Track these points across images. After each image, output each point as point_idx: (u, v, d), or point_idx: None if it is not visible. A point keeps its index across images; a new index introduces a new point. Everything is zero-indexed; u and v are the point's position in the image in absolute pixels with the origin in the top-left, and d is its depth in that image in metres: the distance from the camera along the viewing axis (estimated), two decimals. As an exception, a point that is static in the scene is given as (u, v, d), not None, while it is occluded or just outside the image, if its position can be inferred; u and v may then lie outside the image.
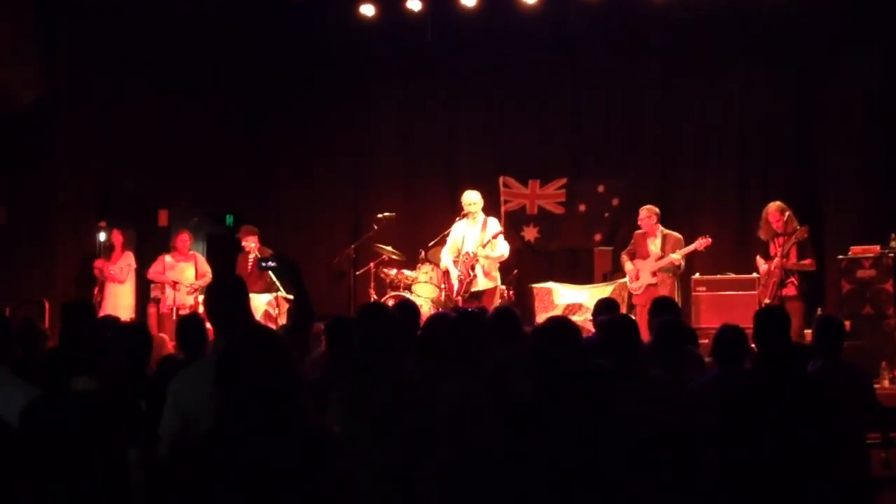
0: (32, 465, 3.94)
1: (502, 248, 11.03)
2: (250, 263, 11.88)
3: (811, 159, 12.63)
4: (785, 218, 10.36)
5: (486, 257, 10.87)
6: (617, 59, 13.30)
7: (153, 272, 11.96)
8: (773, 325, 4.83)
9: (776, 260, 10.27)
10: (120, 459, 4.07)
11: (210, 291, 4.62)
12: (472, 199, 11.11)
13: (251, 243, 11.98)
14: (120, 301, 11.73)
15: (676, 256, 10.90)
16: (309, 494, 2.91)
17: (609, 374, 3.82)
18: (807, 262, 10.33)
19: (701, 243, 10.93)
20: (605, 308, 6.75)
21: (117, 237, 12.03)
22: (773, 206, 10.49)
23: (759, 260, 10.61)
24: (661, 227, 11.17)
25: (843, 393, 5.09)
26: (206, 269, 12.07)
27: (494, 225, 11.14)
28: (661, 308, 6.61)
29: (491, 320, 5.80)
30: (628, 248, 11.38)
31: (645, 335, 10.53)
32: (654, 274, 10.99)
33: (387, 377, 4.37)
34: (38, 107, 11.69)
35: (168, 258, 11.93)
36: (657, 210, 11.19)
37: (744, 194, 12.83)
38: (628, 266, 11.22)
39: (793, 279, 10.28)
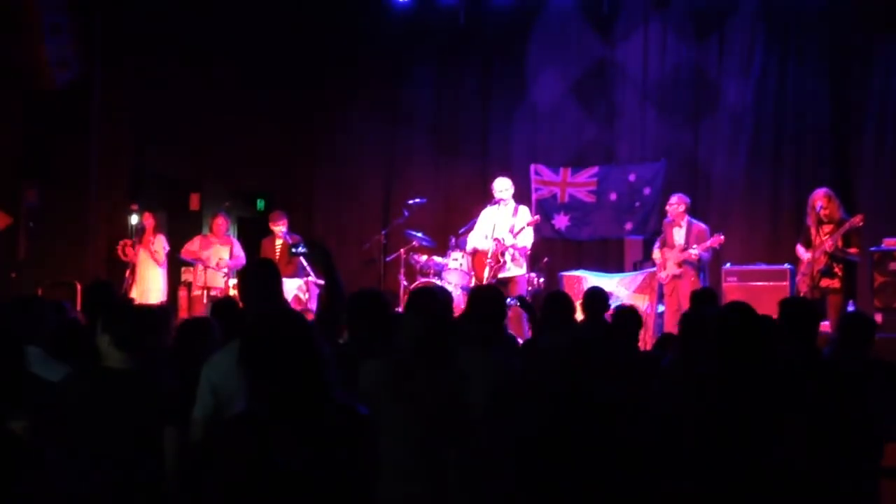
0: (65, 440, 3.97)
1: (528, 239, 11.02)
2: (277, 248, 11.80)
3: (844, 150, 12.50)
4: (833, 205, 10.11)
5: (513, 246, 10.84)
6: (651, 47, 13.26)
7: (186, 250, 11.93)
8: (799, 317, 4.80)
9: (824, 244, 9.94)
10: (154, 437, 4.09)
11: (243, 275, 4.64)
12: (503, 185, 11.10)
13: (281, 227, 11.92)
14: (152, 284, 11.68)
15: (694, 252, 10.81)
16: (336, 472, 2.91)
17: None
18: (853, 250, 10.00)
19: (716, 240, 10.84)
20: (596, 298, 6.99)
21: (149, 220, 11.91)
22: (821, 192, 10.17)
23: (800, 249, 10.35)
24: (687, 217, 11.10)
25: (873, 389, 5.03)
26: (241, 253, 12.01)
27: (525, 214, 11.12)
28: (699, 300, 6.66)
29: (542, 305, 5.92)
30: (661, 236, 11.35)
31: (671, 323, 10.53)
32: (678, 265, 10.92)
33: (438, 361, 4.18)
34: (72, 87, 11.74)
35: (206, 238, 11.95)
36: (687, 199, 11.14)
37: (776, 185, 12.73)
38: (656, 255, 11.23)
39: (838, 269, 9.98)
